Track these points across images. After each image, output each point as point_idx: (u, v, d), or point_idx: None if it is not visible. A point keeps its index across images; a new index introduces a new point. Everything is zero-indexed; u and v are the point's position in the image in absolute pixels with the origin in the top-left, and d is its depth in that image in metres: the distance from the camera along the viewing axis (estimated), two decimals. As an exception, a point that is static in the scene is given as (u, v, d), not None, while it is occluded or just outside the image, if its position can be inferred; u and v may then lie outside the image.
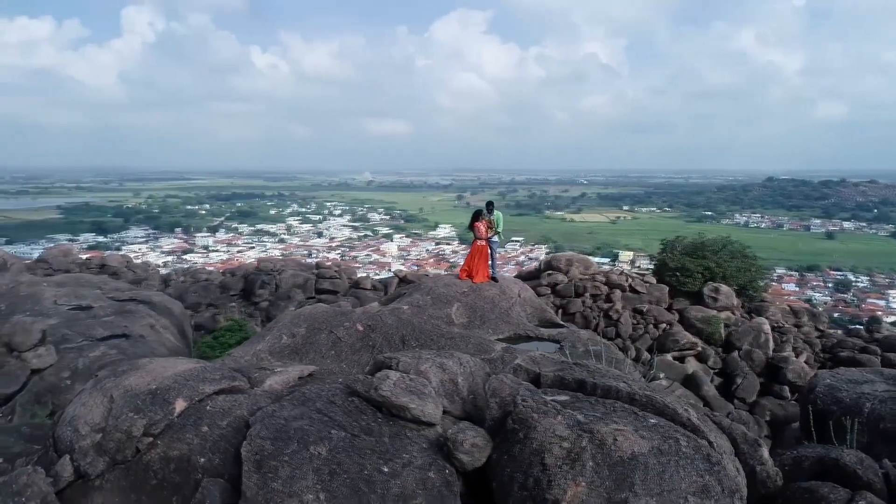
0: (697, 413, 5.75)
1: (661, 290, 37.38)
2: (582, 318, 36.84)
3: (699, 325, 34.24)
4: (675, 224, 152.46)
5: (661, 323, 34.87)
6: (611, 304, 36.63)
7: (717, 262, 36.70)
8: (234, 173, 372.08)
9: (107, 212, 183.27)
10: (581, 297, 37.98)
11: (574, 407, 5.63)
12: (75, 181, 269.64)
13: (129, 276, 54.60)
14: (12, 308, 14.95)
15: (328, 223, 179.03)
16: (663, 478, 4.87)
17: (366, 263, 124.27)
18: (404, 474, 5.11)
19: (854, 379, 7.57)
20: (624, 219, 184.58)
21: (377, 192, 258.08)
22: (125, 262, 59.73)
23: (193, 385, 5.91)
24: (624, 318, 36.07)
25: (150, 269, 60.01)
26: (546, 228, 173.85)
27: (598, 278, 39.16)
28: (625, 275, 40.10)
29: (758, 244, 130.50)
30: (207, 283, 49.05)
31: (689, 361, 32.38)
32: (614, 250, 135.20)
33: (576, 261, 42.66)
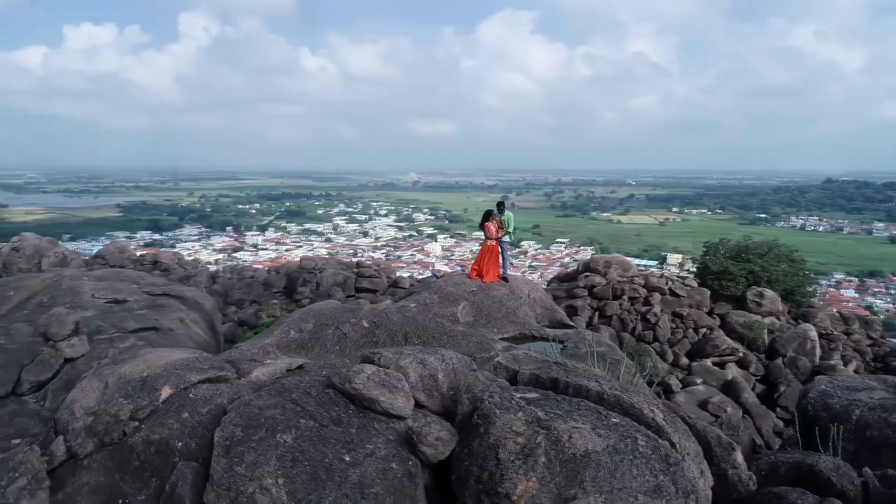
0: (666, 414, 5.70)
1: (703, 294, 36.52)
2: (619, 320, 36.36)
3: (741, 330, 33.32)
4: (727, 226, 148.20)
5: (701, 327, 34.09)
6: (649, 308, 36.01)
7: (762, 266, 35.65)
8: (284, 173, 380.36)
9: (162, 210, 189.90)
10: (619, 299, 37.44)
11: (539, 404, 5.67)
12: (134, 181, 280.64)
13: (179, 273, 56.74)
14: (53, 300, 15.84)
15: (374, 223, 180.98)
16: (615, 476, 4.88)
17: (410, 263, 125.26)
18: (365, 464, 5.26)
19: (852, 385, 7.31)
20: (673, 221, 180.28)
21: (422, 192, 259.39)
22: (176, 259, 62.02)
23: (181, 374, 6.23)
24: (662, 321, 35.41)
25: (199, 266, 62.23)
26: (592, 230, 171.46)
27: (636, 281, 38.54)
28: (664, 277, 39.36)
29: (815, 248, 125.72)
30: (252, 280, 50.51)
31: (730, 367, 31.55)
32: (662, 253, 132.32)
33: (615, 263, 42.08)
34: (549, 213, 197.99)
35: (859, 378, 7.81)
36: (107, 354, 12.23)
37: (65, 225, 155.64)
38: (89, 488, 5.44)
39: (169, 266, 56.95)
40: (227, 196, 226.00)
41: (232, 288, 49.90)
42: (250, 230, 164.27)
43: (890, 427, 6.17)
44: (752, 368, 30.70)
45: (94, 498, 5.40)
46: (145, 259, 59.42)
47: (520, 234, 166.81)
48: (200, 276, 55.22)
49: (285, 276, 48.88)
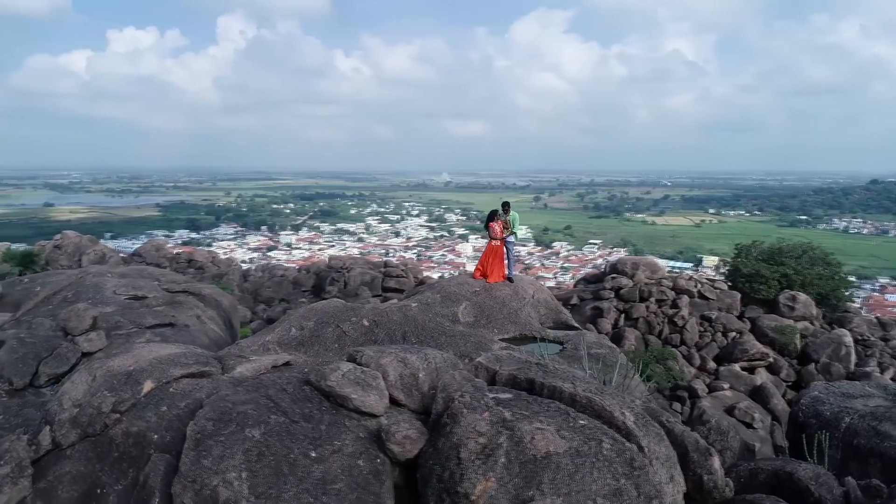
0: (638, 418, 5.59)
1: (733, 297, 35.76)
2: (645, 323, 35.85)
3: (772, 334, 32.55)
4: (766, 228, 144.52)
5: (731, 331, 33.43)
6: (677, 310, 35.43)
7: (795, 269, 34.75)
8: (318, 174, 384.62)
9: (200, 210, 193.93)
10: (646, 301, 36.90)
11: (508, 405, 5.62)
12: (173, 181, 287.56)
13: (212, 271, 58.05)
14: (77, 296, 16.36)
15: (405, 223, 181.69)
16: (574, 478, 4.81)
17: (441, 263, 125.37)
18: (330, 460, 5.30)
19: (848, 392, 7.03)
20: (709, 222, 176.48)
21: (454, 192, 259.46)
22: (210, 258, 63.43)
23: (164, 368, 6.37)
24: (690, 324, 34.81)
25: (232, 264, 63.51)
26: (625, 231, 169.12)
27: (664, 283, 37.93)
28: (693, 280, 38.67)
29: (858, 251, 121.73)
30: (282, 279, 51.29)
31: (760, 373, 30.82)
32: (698, 255, 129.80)
33: (642, 264, 41.50)
34: (581, 214, 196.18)
35: (859, 385, 7.52)
36: (124, 349, 12.56)
37: (107, 223, 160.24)
38: (70, 477, 5.62)
39: (203, 264, 58.33)
40: (262, 196, 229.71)
41: (262, 286, 50.76)
42: (284, 229, 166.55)
43: (878, 436, 5.93)
44: (782, 374, 29.92)
45: (74, 487, 5.57)
46: (180, 257, 60.92)
47: (552, 235, 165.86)
48: (232, 275, 56.38)
49: (314, 275, 49.49)
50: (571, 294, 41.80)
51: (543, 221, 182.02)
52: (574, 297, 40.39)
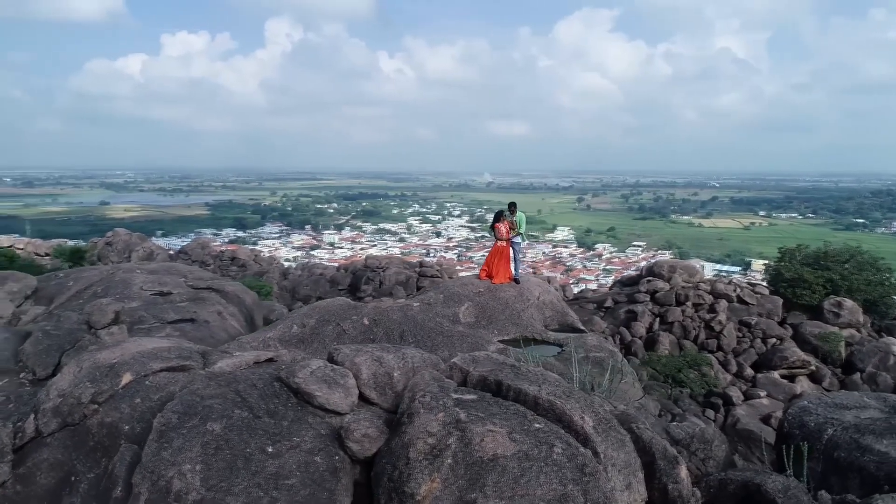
0: (600, 423, 5.44)
1: (774, 303, 34.69)
2: (680, 327, 35.09)
3: (815, 342, 31.47)
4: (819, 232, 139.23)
5: (771, 337, 32.46)
6: (714, 315, 34.59)
7: (841, 274, 33.50)
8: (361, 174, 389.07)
9: (247, 209, 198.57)
10: (682, 305, 36.12)
11: (468, 405, 5.57)
12: (222, 180, 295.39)
13: (254, 268, 59.47)
14: (105, 291, 16.97)
15: (447, 223, 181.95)
16: (518, 482, 4.72)
17: (481, 264, 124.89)
18: (287, 456, 5.35)
19: (842, 403, 6.66)
20: (759, 225, 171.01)
21: (496, 193, 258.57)
22: (253, 256, 65.00)
23: (145, 361, 6.56)
24: (727, 329, 33.93)
25: (274, 262, 64.96)
26: (671, 233, 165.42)
27: (701, 287, 37.05)
28: (733, 284, 37.67)
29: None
30: (320, 277, 52.13)
31: (800, 381, 29.81)
32: (746, 259, 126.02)
33: (679, 267, 40.62)
34: (625, 216, 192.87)
35: (856, 395, 7.13)
36: (143, 343, 13.03)
37: (158, 221, 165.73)
38: (48, 464, 5.85)
39: (246, 262, 59.84)
40: (307, 196, 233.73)
41: (300, 284, 51.70)
42: (328, 229, 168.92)
43: (859, 449, 5.60)
44: (825, 383, 28.83)
45: (51, 474, 5.79)
46: (224, 255, 62.59)
47: (594, 236, 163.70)
48: (272, 272, 57.67)
49: (351, 273, 50.15)
50: (606, 297, 41.14)
51: (586, 223, 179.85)
52: (608, 299, 39.75)
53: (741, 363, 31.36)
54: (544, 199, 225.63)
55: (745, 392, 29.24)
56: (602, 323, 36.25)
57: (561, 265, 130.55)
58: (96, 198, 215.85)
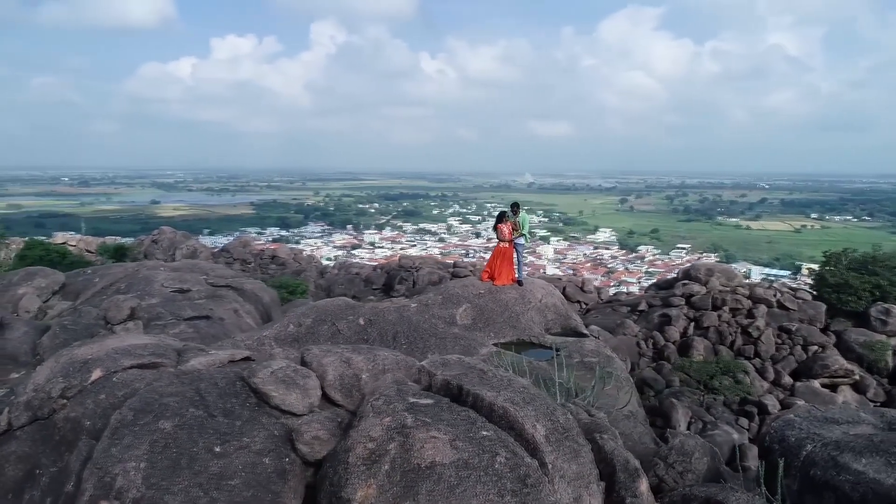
0: (553, 432, 5.20)
1: (817, 309, 33.42)
2: (716, 332, 34.13)
3: (860, 350, 30.23)
4: (875, 235, 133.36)
5: (812, 344, 31.31)
6: (752, 320, 33.54)
7: (890, 280, 32.03)
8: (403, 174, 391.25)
9: (290, 208, 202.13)
10: (718, 310, 35.13)
11: (420, 410, 5.41)
12: (267, 180, 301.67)
13: (293, 267, 60.53)
14: (129, 288, 17.43)
15: (486, 224, 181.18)
16: (454, 492, 4.55)
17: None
18: (234, 456, 5.30)
19: (832, 417, 6.19)
20: (811, 228, 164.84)
21: (537, 193, 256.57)
22: (292, 255, 66.15)
23: (117, 358, 6.63)
24: (765, 336, 32.83)
25: (312, 261, 65.97)
26: (717, 236, 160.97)
27: (739, 291, 35.97)
28: (773, 289, 36.47)
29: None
30: (356, 276, 52.64)
31: (843, 391, 28.66)
32: (796, 262, 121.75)
33: (717, 271, 39.50)
34: (670, 217, 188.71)
35: (851, 410, 6.64)
36: (157, 339, 13.32)
37: (205, 220, 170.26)
38: (16, 457, 5.97)
39: (285, 261, 60.95)
40: (349, 196, 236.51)
41: (335, 283, 52.31)
42: (369, 228, 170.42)
43: (836, 467, 5.19)
44: (870, 394, 27.60)
45: (19, 466, 5.91)
46: (264, 253, 63.86)
47: (637, 238, 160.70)
48: (310, 271, 58.55)
49: (385, 273, 50.53)
50: (640, 300, 40.25)
51: (629, 224, 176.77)
52: (642, 302, 38.89)
53: (779, 371, 30.22)
54: (586, 200, 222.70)
55: (783, 401, 28.16)
56: (634, 327, 35.45)
57: (602, 267, 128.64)
58: (147, 197, 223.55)
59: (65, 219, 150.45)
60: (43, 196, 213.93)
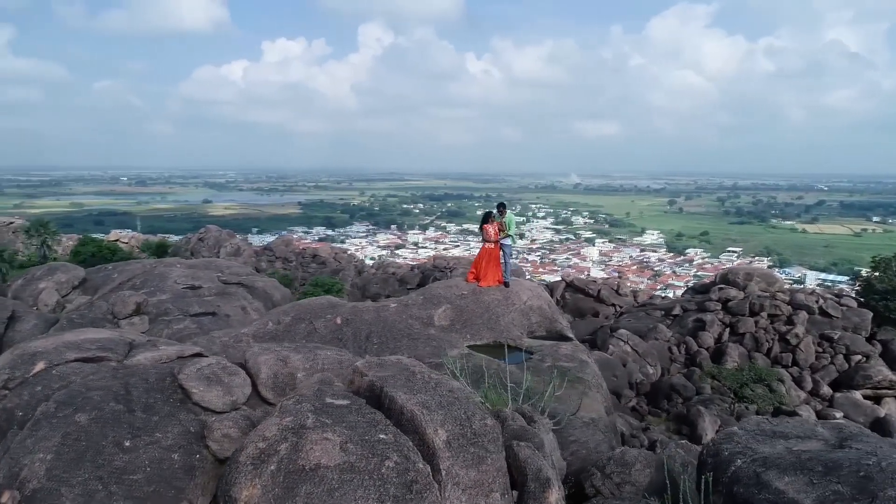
0: (457, 438, 5.00)
1: (862, 316, 31.92)
2: (752, 339, 33.01)
3: (909, 360, 28.77)
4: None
5: (855, 354, 29.97)
6: (790, 327, 32.28)
7: (944, 288, 30.37)
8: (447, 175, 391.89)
9: (336, 208, 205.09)
10: (756, 316, 33.96)
11: (327, 411, 5.31)
12: (314, 181, 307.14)
13: (332, 266, 61.37)
14: (143, 284, 17.93)
15: (531, 225, 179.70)
16: (333, 495, 4.43)
17: (564, 267, 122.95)
18: (141, 451, 5.32)
19: (781, 431, 5.72)
20: (873, 232, 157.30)
21: (583, 194, 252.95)
22: (333, 254, 67.09)
23: (62, 351, 6.77)
24: (804, 343, 31.58)
25: (352, 260, 66.76)
26: (770, 239, 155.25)
27: (779, 296, 34.69)
28: (815, 294, 34.97)
29: None
30: (392, 276, 53.03)
31: (887, 403, 27.46)
32: (856, 268, 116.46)
33: (757, 275, 38.17)
34: (721, 220, 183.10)
35: (808, 424, 6.16)
36: (162, 333, 13.68)
37: (254, 219, 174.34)
38: None
39: (325, 259, 61.91)
40: (394, 196, 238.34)
41: (370, 282, 52.81)
42: (413, 229, 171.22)
43: (758, 485, 4.80)
44: (917, 406, 26.18)
45: None
46: (306, 252, 64.98)
47: (686, 241, 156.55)
48: (348, 270, 59.25)
49: (421, 273, 50.72)
50: (674, 304, 39.12)
51: (677, 226, 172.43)
52: (677, 307, 37.81)
53: (818, 380, 28.90)
54: (633, 202, 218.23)
55: (820, 412, 26.93)
56: (667, 331, 34.48)
57: (648, 270, 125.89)
58: (200, 196, 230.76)
59: (122, 217, 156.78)
60: (103, 195, 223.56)
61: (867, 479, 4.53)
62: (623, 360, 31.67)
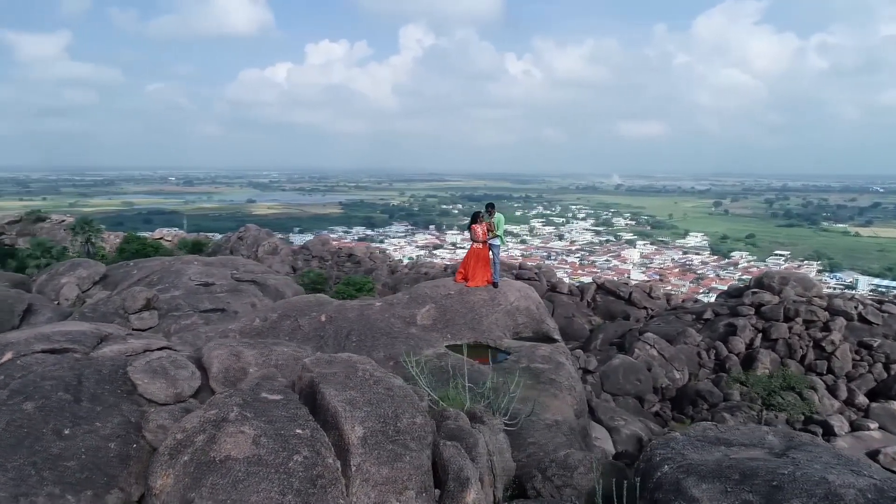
0: (374, 434, 4.98)
1: (905, 323, 30.59)
2: (785, 345, 32.15)
3: (953, 371, 27.52)
4: None
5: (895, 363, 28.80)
6: (826, 334, 31.26)
7: None
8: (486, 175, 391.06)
9: (376, 208, 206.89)
10: (790, 321, 33.07)
11: (255, 405, 5.38)
12: (355, 181, 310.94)
13: (367, 265, 62.09)
14: (160, 280, 18.49)
15: (570, 226, 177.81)
16: (236, 487, 4.47)
17: (604, 269, 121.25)
18: (79, 439, 5.48)
19: (725, 438, 5.43)
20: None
21: (625, 195, 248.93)
22: (368, 253, 67.89)
23: (31, 343, 7.02)
24: (841, 351, 30.60)
25: (387, 260, 67.44)
26: (820, 243, 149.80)
27: (816, 302, 33.65)
28: (855, 300, 33.76)
29: None
30: (424, 275, 53.32)
31: (928, 415, 26.21)
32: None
33: (793, 279, 37.09)
34: (768, 222, 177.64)
35: (759, 432, 5.83)
36: (170, 329, 14.11)
37: (296, 219, 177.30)
38: None
39: (361, 259, 62.67)
40: (433, 196, 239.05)
41: (402, 282, 53.12)
42: (451, 229, 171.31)
43: (676, 492, 4.59)
44: (961, 418, 24.98)
45: None
46: (341, 252, 65.88)
47: (731, 243, 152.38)
48: (381, 269, 59.87)
49: (452, 272, 50.76)
50: (705, 308, 38.17)
51: (722, 229, 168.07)
52: (708, 311, 36.88)
53: (853, 389, 27.84)
54: (677, 203, 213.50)
55: (853, 422, 25.94)
56: (696, 336, 33.66)
57: (691, 273, 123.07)
58: (244, 196, 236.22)
59: (170, 216, 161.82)
60: (152, 194, 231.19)
61: (777, 489, 4.35)
62: (648, 364, 31.08)
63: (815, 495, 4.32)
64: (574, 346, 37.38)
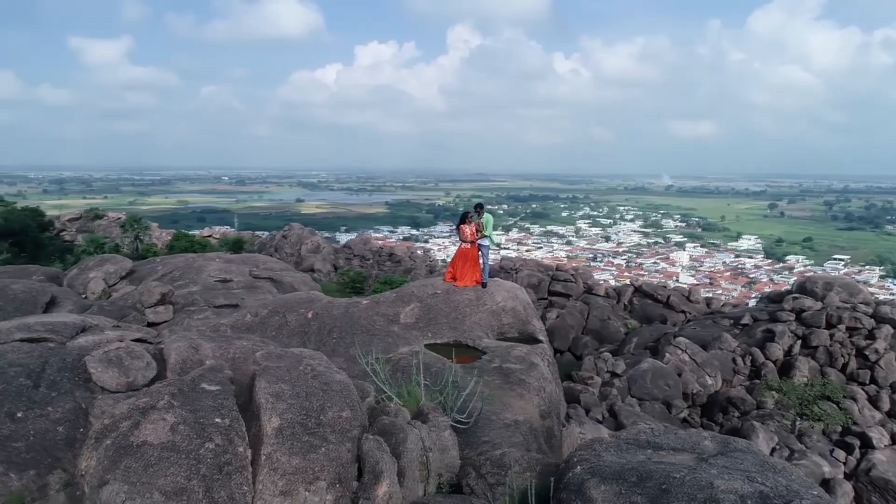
0: (291, 426, 5.06)
1: (958, 333, 29.12)
2: (826, 353, 31.00)
3: None
4: None
5: (945, 374, 27.36)
6: (871, 342, 29.93)
7: None
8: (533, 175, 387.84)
9: (422, 208, 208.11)
10: (832, 328, 31.77)
11: (190, 395, 5.58)
12: (402, 181, 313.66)
13: (407, 265, 62.83)
14: (182, 276, 19.16)
15: (617, 227, 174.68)
16: (147, 470, 4.66)
17: (651, 272, 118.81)
18: (30, 422, 5.78)
19: (656, 442, 5.23)
20: None
21: (675, 197, 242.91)
22: (408, 253, 68.61)
23: (12, 332, 7.43)
24: (885, 360, 29.37)
25: (426, 259, 67.97)
26: (884, 247, 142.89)
27: (861, 308, 32.29)
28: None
29: None
30: (460, 275, 53.14)
31: (977, 430, 24.90)
32: None
33: (838, 285, 35.70)
34: (827, 226, 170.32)
35: (693, 435, 5.60)
36: (183, 323, 14.63)
37: (343, 218, 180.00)
38: None
39: (401, 258, 63.36)
40: (479, 196, 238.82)
41: (438, 281, 53.20)
42: (496, 230, 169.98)
43: (577, 493, 4.48)
44: None
45: None
46: (382, 251, 66.72)
47: (787, 247, 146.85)
48: (419, 269, 60.32)
49: (483, 273, 50.54)
50: (743, 313, 36.97)
51: (778, 232, 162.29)
52: (746, 316, 35.74)
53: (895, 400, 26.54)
54: (730, 205, 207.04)
55: (894, 435, 24.73)
56: (732, 342, 32.66)
57: (743, 277, 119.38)
58: (293, 195, 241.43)
59: (222, 214, 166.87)
60: (206, 193, 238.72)
61: (665, 492, 4.27)
62: (679, 369, 30.29)
63: (695, 499, 4.32)
64: (608, 349, 36.82)
